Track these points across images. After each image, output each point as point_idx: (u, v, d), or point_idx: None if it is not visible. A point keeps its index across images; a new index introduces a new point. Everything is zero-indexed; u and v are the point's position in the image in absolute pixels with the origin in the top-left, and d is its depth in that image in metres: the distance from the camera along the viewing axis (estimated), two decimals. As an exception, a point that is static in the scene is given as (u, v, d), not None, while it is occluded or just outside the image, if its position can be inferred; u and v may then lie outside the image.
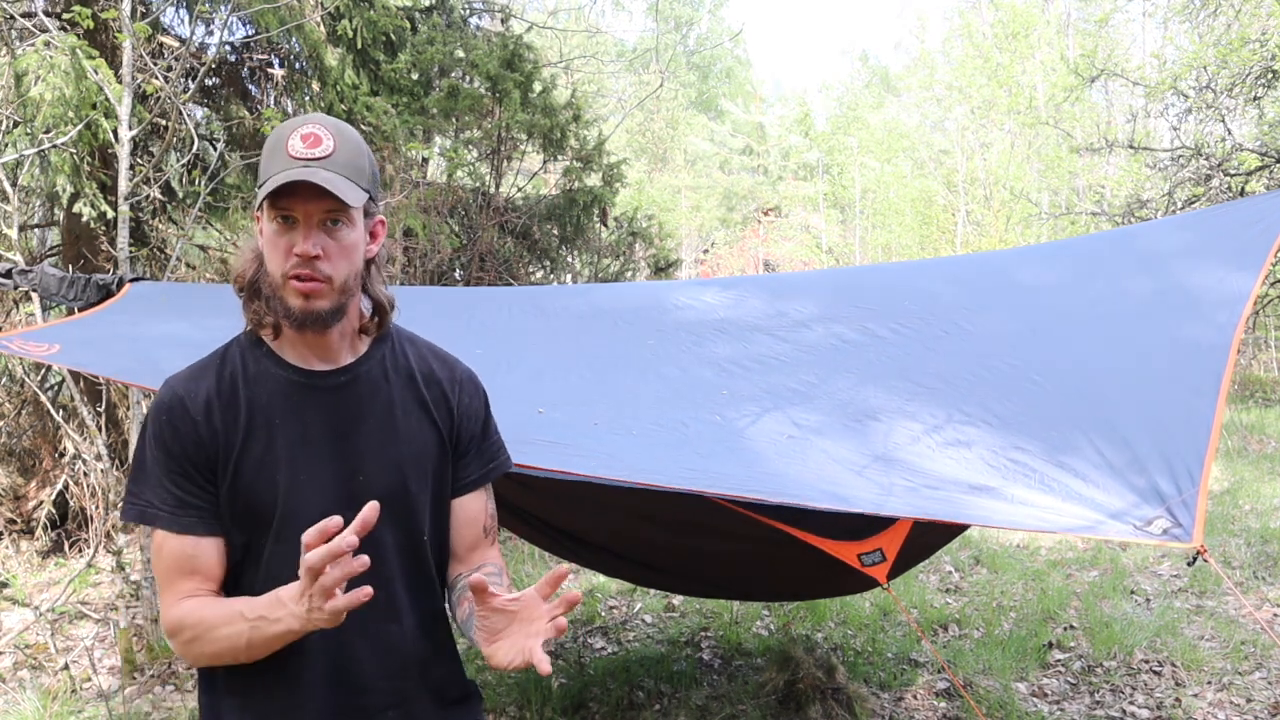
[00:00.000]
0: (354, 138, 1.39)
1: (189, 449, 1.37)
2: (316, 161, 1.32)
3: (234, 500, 1.38)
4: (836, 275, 4.70)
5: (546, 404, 2.00)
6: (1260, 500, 7.31)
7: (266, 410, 1.39)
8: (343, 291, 1.37)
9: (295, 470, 1.38)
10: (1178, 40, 11.60)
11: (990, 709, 3.79)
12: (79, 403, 4.78)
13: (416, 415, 1.47)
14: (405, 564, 1.44)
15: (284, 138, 1.35)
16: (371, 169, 1.40)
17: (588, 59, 13.68)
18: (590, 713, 3.83)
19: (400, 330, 1.54)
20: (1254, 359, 15.74)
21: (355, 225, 1.38)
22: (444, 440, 1.49)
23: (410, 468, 1.44)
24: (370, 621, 1.39)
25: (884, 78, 30.96)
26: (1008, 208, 18.02)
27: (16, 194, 4.89)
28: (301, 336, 1.41)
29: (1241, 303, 2.06)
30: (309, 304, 1.34)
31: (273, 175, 1.32)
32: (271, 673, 1.38)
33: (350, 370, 1.44)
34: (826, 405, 1.89)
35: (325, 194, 1.31)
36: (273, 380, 1.41)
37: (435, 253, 6.37)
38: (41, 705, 3.79)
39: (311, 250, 1.33)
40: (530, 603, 1.24)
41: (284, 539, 1.37)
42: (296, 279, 1.33)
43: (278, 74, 6.56)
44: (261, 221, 1.38)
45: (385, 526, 1.38)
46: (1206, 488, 1.42)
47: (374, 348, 1.47)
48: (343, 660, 1.40)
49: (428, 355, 1.54)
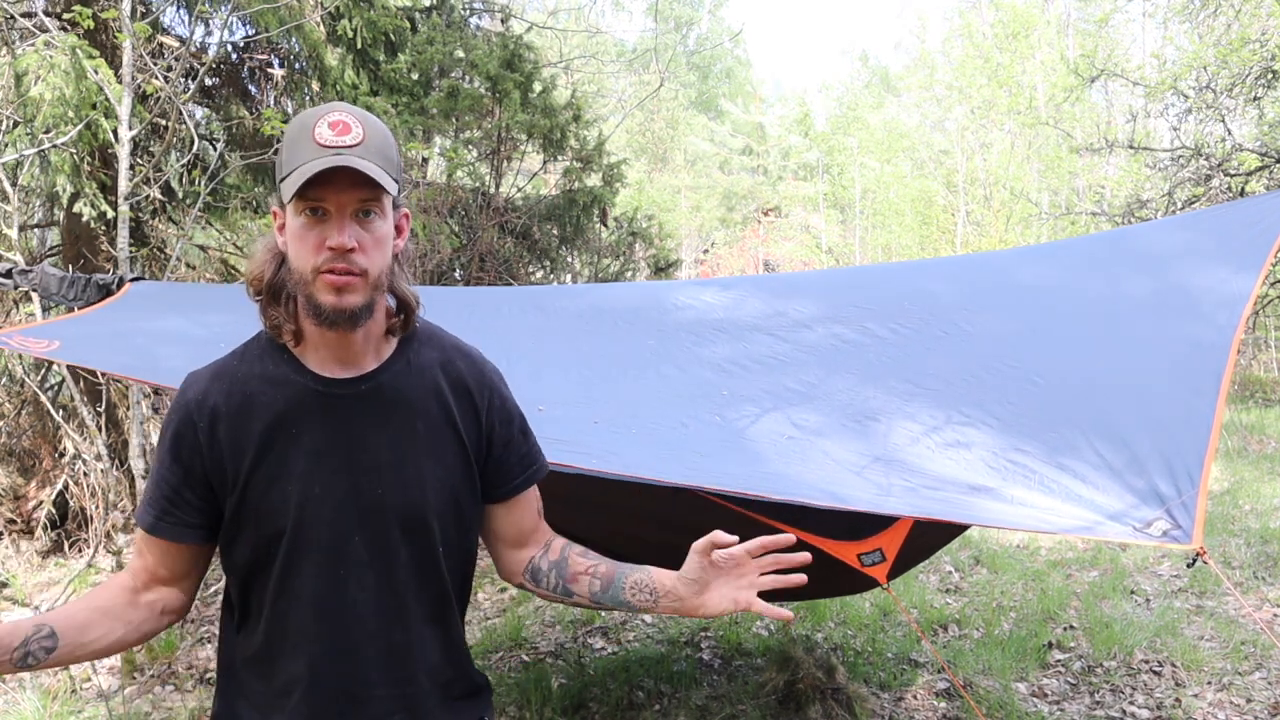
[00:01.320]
0: (381, 125, 1.32)
1: (187, 457, 1.36)
2: (349, 149, 1.25)
3: (243, 510, 1.36)
4: (836, 275, 4.71)
5: (546, 402, 2.00)
6: (1260, 500, 7.31)
7: (283, 419, 1.35)
8: (376, 286, 1.31)
9: (310, 482, 1.34)
10: (1178, 40, 11.61)
11: (990, 709, 3.79)
12: (79, 403, 4.79)
13: (439, 426, 1.41)
14: (419, 578, 1.40)
15: (309, 126, 1.27)
16: (398, 159, 1.34)
17: (588, 59, 13.68)
18: (590, 713, 3.83)
19: (424, 326, 1.46)
20: (1254, 359, 15.73)
21: (387, 216, 1.31)
22: (468, 452, 1.43)
23: (430, 482, 1.39)
24: (379, 633, 1.38)
25: (884, 78, 30.96)
26: (1008, 208, 18.02)
27: (16, 194, 4.89)
28: (325, 339, 1.35)
29: (1241, 303, 2.06)
30: (341, 299, 1.28)
31: (301, 164, 1.25)
32: (280, 676, 1.38)
33: (372, 378, 1.38)
34: (826, 406, 1.89)
35: (361, 182, 1.25)
36: (291, 387, 1.36)
37: (435, 253, 6.37)
38: (41, 705, 3.79)
39: (348, 243, 1.26)
40: (740, 559, 1.36)
41: (296, 550, 1.35)
42: (330, 273, 1.26)
43: (278, 74, 6.56)
44: (284, 216, 1.31)
45: (400, 540, 1.38)
46: (1206, 489, 1.42)
47: (398, 352, 1.41)
48: (352, 672, 1.38)
49: (453, 355, 1.46)
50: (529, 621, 4.92)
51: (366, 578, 1.37)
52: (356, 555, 1.36)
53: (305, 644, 1.37)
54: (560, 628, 4.86)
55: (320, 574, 1.36)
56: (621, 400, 2.12)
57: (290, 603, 1.37)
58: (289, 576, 1.36)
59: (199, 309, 3.08)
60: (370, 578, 1.37)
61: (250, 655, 1.41)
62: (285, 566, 1.36)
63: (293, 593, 1.37)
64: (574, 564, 1.49)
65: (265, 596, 1.38)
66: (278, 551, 1.36)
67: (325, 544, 1.35)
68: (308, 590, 1.36)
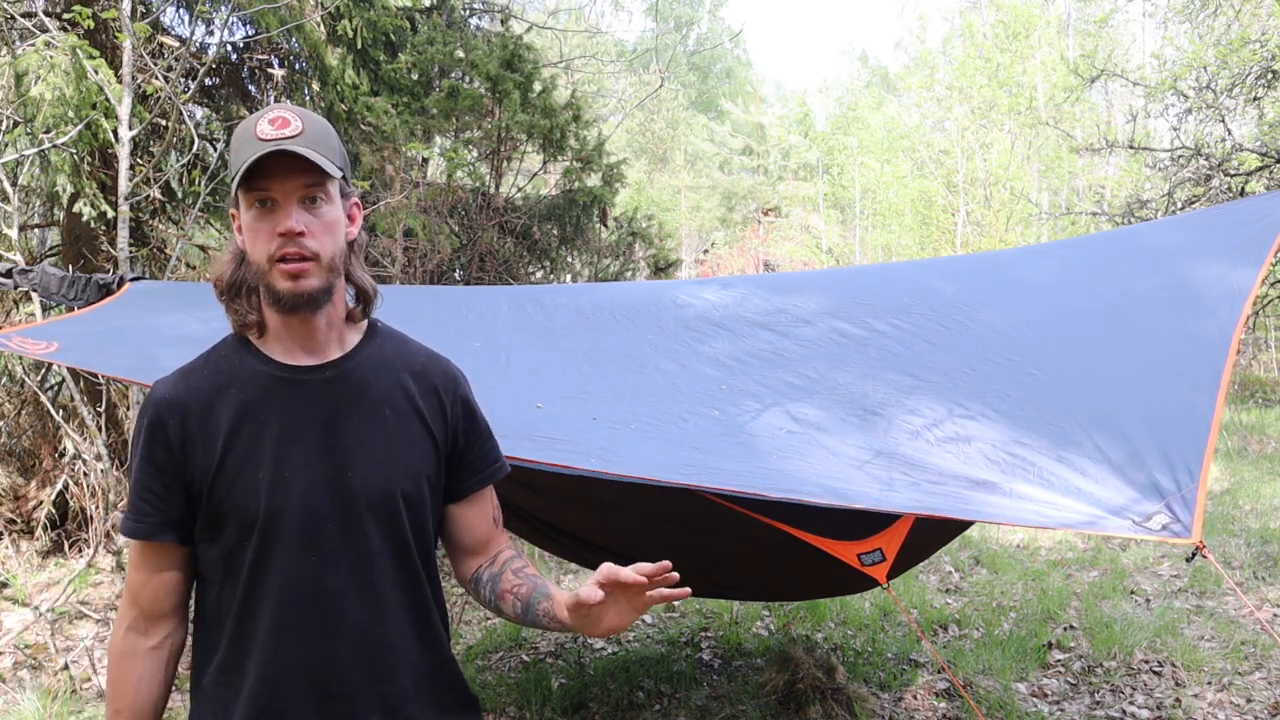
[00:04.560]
0: (321, 120, 1.38)
1: (160, 456, 1.37)
2: (288, 139, 1.31)
3: (215, 502, 1.36)
4: (837, 274, 4.71)
5: (545, 399, 2.00)
6: (1260, 500, 7.30)
7: (250, 407, 1.37)
8: (330, 269, 1.35)
9: (279, 468, 1.36)
10: (1178, 40, 11.60)
11: (990, 709, 3.79)
12: (79, 403, 4.78)
13: (407, 414, 1.43)
14: (393, 565, 1.40)
15: (250, 126, 1.33)
16: (341, 150, 1.39)
17: (588, 59, 13.67)
18: (590, 713, 3.83)
19: (388, 328, 1.51)
20: (1254, 359, 15.73)
21: (334, 202, 1.36)
22: (436, 441, 1.45)
23: (399, 467, 1.41)
24: (357, 625, 1.37)
25: (884, 78, 30.97)
26: (1008, 208, 18.02)
27: (16, 194, 4.89)
28: (287, 327, 1.39)
29: (1242, 298, 2.06)
30: (298, 284, 1.32)
31: (245, 160, 1.30)
32: (254, 675, 1.36)
33: (337, 365, 1.42)
34: (827, 400, 1.89)
35: (302, 166, 1.30)
36: (258, 377, 1.39)
37: (435, 253, 6.36)
38: (41, 705, 3.79)
39: (296, 226, 1.31)
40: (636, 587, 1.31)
41: (269, 536, 1.35)
42: (283, 260, 1.31)
43: (278, 74, 6.56)
44: (239, 216, 1.36)
45: (373, 526, 1.38)
46: (1206, 483, 1.42)
47: (362, 343, 1.45)
48: (327, 664, 1.36)
49: (417, 353, 1.51)
50: (529, 621, 4.91)
51: (341, 563, 1.37)
52: (329, 540, 1.36)
53: (277, 637, 1.36)
54: (560, 627, 4.86)
55: (293, 561, 1.35)
56: (620, 396, 2.11)
57: (262, 596, 1.36)
58: (261, 569, 1.35)
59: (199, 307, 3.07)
60: (345, 564, 1.37)
61: (219, 664, 1.40)
62: (257, 558, 1.35)
63: (265, 585, 1.36)
64: (504, 581, 1.50)
65: (235, 596, 1.37)
66: (249, 543, 1.35)
67: (297, 529, 1.35)
68: (280, 580, 1.35)
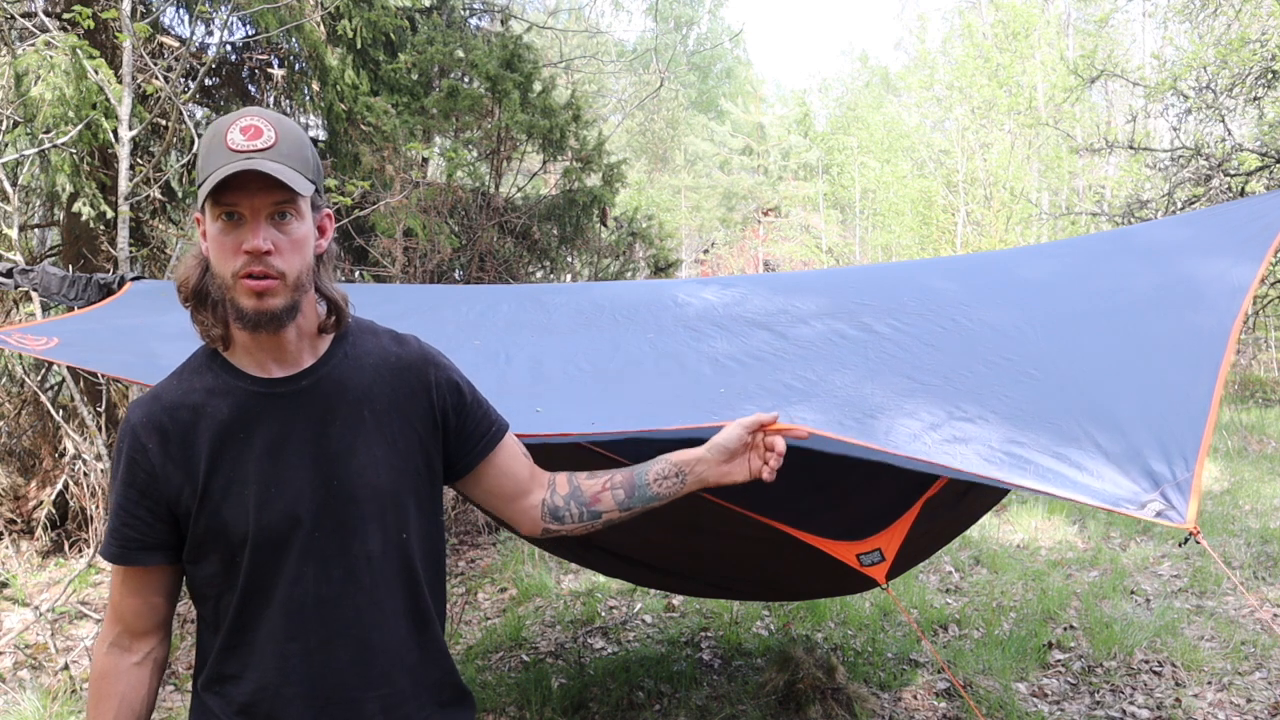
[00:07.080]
0: (295, 129, 1.32)
1: (141, 480, 1.35)
2: (259, 153, 1.26)
3: (205, 522, 1.34)
4: (837, 274, 4.71)
5: (544, 398, 2.00)
6: (1260, 500, 7.30)
7: (230, 425, 1.34)
8: (296, 288, 1.31)
9: (266, 483, 1.34)
10: (1178, 40, 11.60)
11: (990, 709, 3.79)
12: (79, 402, 4.78)
13: (386, 412, 1.41)
14: (388, 565, 1.39)
15: (221, 132, 1.28)
16: (315, 161, 1.35)
17: (588, 59, 13.67)
18: (590, 713, 3.83)
19: (358, 321, 1.48)
20: (1254, 359, 15.71)
21: (304, 218, 1.32)
22: (421, 432, 1.43)
23: (387, 465, 1.39)
24: (353, 626, 1.36)
25: (884, 77, 30.92)
26: (1008, 208, 18.01)
27: (16, 194, 4.89)
28: (256, 341, 1.35)
29: (1242, 293, 2.06)
30: (262, 303, 1.28)
31: (214, 170, 1.25)
32: (253, 684, 1.36)
33: (311, 373, 1.39)
34: (826, 403, 1.88)
35: (272, 185, 1.26)
36: (234, 394, 1.36)
37: (435, 253, 6.37)
38: (41, 705, 3.79)
39: (262, 245, 1.26)
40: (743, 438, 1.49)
41: (262, 550, 1.34)
42: (248, 278, 1.27)
43: (278, 74, 6.56)
44: (204, 223, 1.31)
45: (366, 528, 1.37)
46: (1202, 470, 1.43)
47: (334, 347, 1.42)
48: (325, 672, 1.35)
49: (391, 341, 1.48)
50: (529, 621, 4.91)
51: (334, 572, 1.35)
52: (321, 549, 1.35)
53: (274, 648, 1.35)
54: (560, 628, 4.86)
55: (287, 573, 1.34)
56: (618, 399, 2.11)
57: (258, 608, 1.35)
58: (256, 583, 1.34)
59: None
60: (338, 571, 1.36)
61: (217, 672, 1.39)
62: (251, 572, 1.34)
63: (260, 598, 1.35)
64: (589, 486, 1.51)
65: (230, 611, 1.36)
66: (242, 559, 1.34)
67: (289, 541, 1.34)
68: (275, 592, 1.34)
